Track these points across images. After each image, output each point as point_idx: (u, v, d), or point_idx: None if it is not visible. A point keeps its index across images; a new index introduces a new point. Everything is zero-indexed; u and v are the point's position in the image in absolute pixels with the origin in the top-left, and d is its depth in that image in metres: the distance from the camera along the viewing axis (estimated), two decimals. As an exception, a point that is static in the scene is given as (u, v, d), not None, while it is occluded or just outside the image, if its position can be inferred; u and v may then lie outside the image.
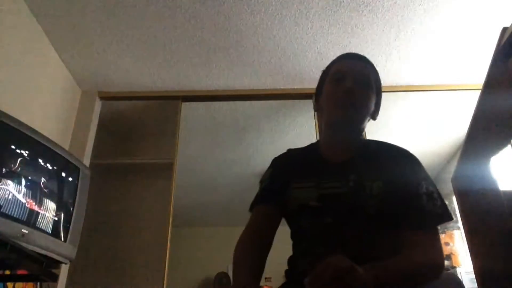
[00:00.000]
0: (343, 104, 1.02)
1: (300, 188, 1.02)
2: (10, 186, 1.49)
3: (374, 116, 1.09)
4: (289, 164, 1.10)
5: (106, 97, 2.90)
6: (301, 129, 3.23)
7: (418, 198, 0.92)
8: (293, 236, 1.06)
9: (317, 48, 2.54)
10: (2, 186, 1.45)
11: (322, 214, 0.95)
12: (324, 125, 1.10)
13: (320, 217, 0.95)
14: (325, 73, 1.12)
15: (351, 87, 1.01)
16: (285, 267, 1.05)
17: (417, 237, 0.89)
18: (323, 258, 0.78)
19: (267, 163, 1.17)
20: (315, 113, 2.74)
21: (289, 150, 1.17)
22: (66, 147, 2.53)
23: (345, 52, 1.14)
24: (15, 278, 1.78)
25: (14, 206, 1.49)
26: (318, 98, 1.14)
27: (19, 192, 1.53)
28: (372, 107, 1.07)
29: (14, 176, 1.52)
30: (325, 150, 1.08)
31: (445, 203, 0.94)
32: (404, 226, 0.91)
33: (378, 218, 0.92)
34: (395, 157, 1.01)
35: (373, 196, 0.92)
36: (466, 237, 1.06)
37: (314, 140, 1.28)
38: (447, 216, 0.92)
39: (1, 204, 1.43)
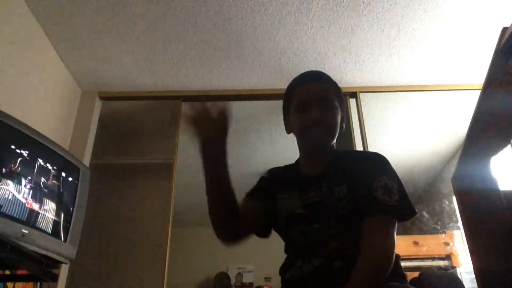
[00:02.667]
0: (314, 134, 1.08)
1: (286, 199, 1.10)
2: (10, 186, 1.49)
3: (342, 126, 1.14)
4: (273, 179, 1.18)
5: (106, 97, 2.90)
6: (301, 129, 3.23)
7: (372, 188, 0.98)
8: (285, 249, 1.12)
9: (317, 48, 2.53)
10: (2, 186, 1.45)
11: (310, 222, 1.02)
12: (300, 148, 1.18)
13: (308, 224, 1.03)
14: (288, 95, 1.16)
15: (318, 116, 1.06)
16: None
17: (369, 224, 0.95)
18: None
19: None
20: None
21: (271, 169, 1.24)
22: (66, 147, 2.53)
23: (306, 71, 1.19)
24: (15, 278, 1.79)
25: (14, 206, 1.49)
26: (286, 120, 1.19)
27: (19, 192, 1.53)
28: (339, 121, 1.12)
29: (14, 176, 1.52)
30: (303, 167, 1.16)
31: (405, 200, 0.99)
32: (361, 215, 0.97)
33: (350, 218, 0.98)
34: (359, 160, 1.09)
35: (341, 199, 1.00)
36: (466, 237, 1.06)
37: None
38: (402, 210, 0.98)
39: (1, 204, 1.43)
